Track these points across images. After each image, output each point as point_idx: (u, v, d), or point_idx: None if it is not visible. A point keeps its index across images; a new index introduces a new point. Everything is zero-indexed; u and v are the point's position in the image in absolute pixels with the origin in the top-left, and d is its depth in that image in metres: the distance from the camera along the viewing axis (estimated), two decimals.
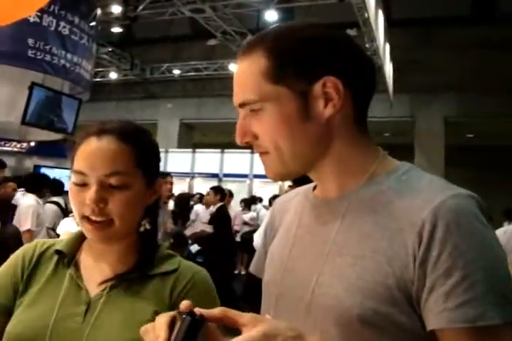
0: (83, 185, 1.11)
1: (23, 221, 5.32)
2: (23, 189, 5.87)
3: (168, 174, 5.47)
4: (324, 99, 0.92)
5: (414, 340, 0.83)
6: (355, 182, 0.95)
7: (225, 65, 17.05)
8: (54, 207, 6.26)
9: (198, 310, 0.70)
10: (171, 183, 5.32)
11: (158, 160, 1.24)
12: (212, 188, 8.46)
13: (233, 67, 16.53)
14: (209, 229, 8.22)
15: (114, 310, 1.11)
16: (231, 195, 9.62)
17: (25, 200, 5.60)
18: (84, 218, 1.11)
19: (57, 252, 1.21)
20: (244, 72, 0.95)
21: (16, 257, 1.23)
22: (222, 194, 8.22)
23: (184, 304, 0.73)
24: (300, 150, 0.94)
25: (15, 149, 12.28)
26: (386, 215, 0.89)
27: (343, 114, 0.94)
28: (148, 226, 1.22)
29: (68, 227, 3.99)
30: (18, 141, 11.96)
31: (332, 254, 0.92)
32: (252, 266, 1.23)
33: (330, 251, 0.92)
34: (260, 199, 12.80)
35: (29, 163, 13.08)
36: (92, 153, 1.11)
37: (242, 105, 0.96)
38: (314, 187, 1.07)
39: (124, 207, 1.11)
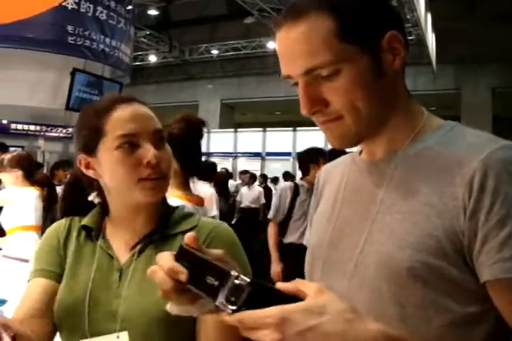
0: (134, 147, 1.12)
1: (209, 209, 5.45)
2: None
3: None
4: (391, 54, 0.91)
5: (466, 295, 0.82)
6: (402, 141, 0.95)
7: (263, 43, 16.94)
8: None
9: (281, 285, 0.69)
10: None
11: None
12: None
13: (272, 45, 16.38)
14: None
15: (144, 272, 1.13)
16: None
17: (203, 188, 5.67)
18: (141, 181, 1.12)
19: (84, 227, 1.25)
20: (308, 35, 0.88)
21: (50, 232, 1.29)
22: None
23: (188, 235, 0.75)
24: (377, 110, 0.91)
25: (61, 135, 12.54)
26: (434, 169, 0.87)
27: (401, 71, 0.94)
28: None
29: None
30: (64, 127, 12.21)
31: (381, 213, 0.91)
32: (305, 239, 1.22)
33: (379, 210, 0.92)
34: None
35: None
36: (135, 115, 1.15)
37: (309, 71, 0.89)
38: (360, 152, 1.05)
39: (170, 163, 1.17)
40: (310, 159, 4.45)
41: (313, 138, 15.72)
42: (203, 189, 5.40)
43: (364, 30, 0.89)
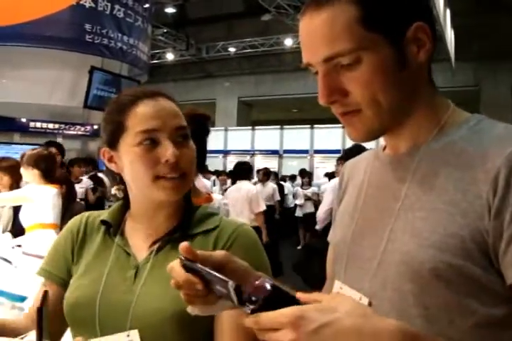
0: (153, 144, 1.11)
1: (256, 205, 6.03)
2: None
3: None
4: (416, 46, 0.88)
5: (491, 296, 0.79)
6: (426, 135, 0.92)
7: (281, 40, 16.91)
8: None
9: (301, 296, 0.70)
10: None
11: None
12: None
13: (289, 42, 16.34)
14: None
15: (160, 270, 1.12)
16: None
17: (248, 186, 6.23)
18: (159, 178, 1.11)
19: (103, 222, 1.24)
20: (330, 22, 0.86)
21: (65, 230, 1.29)
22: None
23: (182, 246, 0.77)
24: (398, 102, 0.88)
25: (79, 133, 12.63)
26: (459, 165, 0.84)
27: (426, 64, 0.91)
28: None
29: None
30: (82, 125, 12.29)
31: (404, 210, 0.88)
32: (329, 235, 1.19)
33: (401, 206, 0.89)
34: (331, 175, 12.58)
35: (93, 146, 13.44)
36: (158, 111, 1.13)
37: (329, 59, 0.86)
38: (384, 148, 1.03)
39: (192, 160, 1.15)
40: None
41: (331, 135, 15.75)
42: (248, 187, 6.14)
43: (389, 19, 0.86)
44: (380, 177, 0.99)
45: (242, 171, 6.32)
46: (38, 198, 3.67)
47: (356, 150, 5.06)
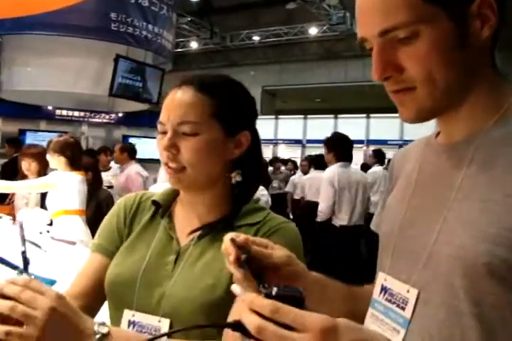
0: (163, 134, 1.16)
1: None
2: None
3: None
4: (480, 21, 0.81)
5: None
6: (484, 122, 0.85)
7: (305, 29, 16.77)
8: None
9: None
10: None
11: (244, 111, 1.27)
12: None
13: (313, 31, 16.22)
14: None
15: (199, 257, 1.17)
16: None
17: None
18: (165, 165, 1.17)
19: (154, 203, 1.28)
20: None
21: (118, 206, 1.33)
22: None
23: (242, 238, 0.87)
24: (455, 82, 0.83)
25: (104, 120, 12.79)
26: None
27: (488, 41, 0.84)
28: (239, 179, 1.22)
29: None
30: (107, 113, 12.41)
31: (458, 200, 0.83)
32: (372, 223, 1.16)
33: (456, 196, 0.83)
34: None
35: (118, 134, 13.57)
36: (170, 103, 1.16)
37: (385, 32, 0.82)
38: (437, 135, 0.98)
39: (194, 153, 1.14)
40: None
41: (354, 125, 15.67)
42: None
43: None
44: (433, 166, 0.94)
45: (323, 162, 7.13)
46: (63, 185, 3.73)
47: (338, 136, 5.44)
